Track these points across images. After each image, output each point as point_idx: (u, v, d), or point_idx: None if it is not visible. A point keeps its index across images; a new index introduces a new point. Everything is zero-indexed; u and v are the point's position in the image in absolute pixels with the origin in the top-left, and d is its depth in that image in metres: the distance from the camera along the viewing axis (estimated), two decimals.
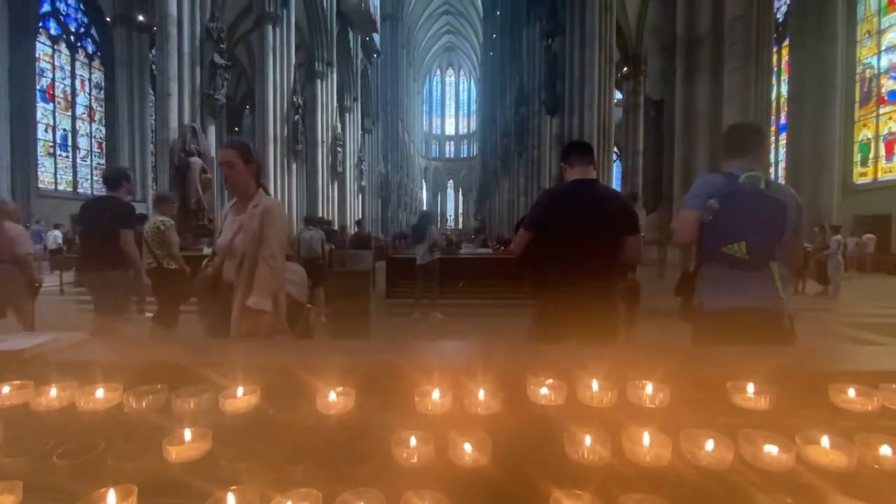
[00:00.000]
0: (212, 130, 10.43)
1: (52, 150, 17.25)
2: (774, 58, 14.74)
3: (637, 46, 16.64)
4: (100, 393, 0.59)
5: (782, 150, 13.90)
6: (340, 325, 3.17)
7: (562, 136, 10.31)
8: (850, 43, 13.27)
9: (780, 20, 14.57)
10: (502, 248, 7.96)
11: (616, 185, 20.54)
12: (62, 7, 17.55)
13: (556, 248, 1.70)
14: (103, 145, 18.86)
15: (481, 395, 0.54)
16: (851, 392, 0.56)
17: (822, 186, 9.74)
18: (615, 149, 15.42)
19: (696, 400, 0.57)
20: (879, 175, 13.68)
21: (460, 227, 48.55)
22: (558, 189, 1.87)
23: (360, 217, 16.87)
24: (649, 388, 0.56)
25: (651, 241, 5.54)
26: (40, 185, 16.40)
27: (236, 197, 1.74)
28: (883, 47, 13.58)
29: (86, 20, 18.32)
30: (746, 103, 4.92)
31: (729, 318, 1.48)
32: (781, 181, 14.68)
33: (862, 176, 14.16)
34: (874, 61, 13.83)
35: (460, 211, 50.60)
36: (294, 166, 14.77)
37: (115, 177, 3.16)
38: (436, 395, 0.55)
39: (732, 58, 4.71)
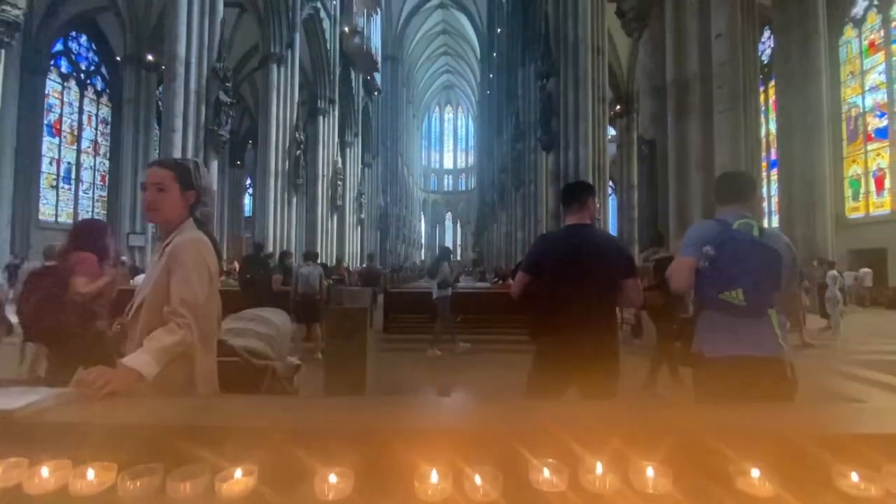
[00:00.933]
0: (214, 165, 10.62)
1: (55, 183, 17.48)
2: (762, 97, 15.33)
3: (629, 86, 17.25)
4: (92, 475, 0.57)
5: (774, 186, 14.16)
6: (336, 365, 3.12)
7: (557, 171, 10.51)
8: (835, 83, 13.79)
9: (765, 62, 15.21)
10: (500, 281, 7.95)
11: (612, 216, 20.81)
12: (74, 47, 18.23)
13: (553, 293, 1.71)
14: (106, 178, 19.12)
15: (478, 480, 0.53)
16: (854, 476, 0.55)
17: (816, 221, 9.86)
18: (610, 182, 15.72)
19: (702, 489, 0.56)
20: (871, 210, 13.90)
21: (458, 258, 48.70)
22: (554, 233, 1.90)
23: (371, 252, 16.90)
24: (650, 471, 0.55)
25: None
26: (41, 217, 16.50)
27: (160, 232, 1.35)
28: (867, 87, 14.11)
29: (96, 59, 18.99)
30: (737, 142, 5.05)
31: (730, 366, 1.47)
32: (775, 215, 14.93)
33: (854, 210, 14.38)
34: (859, 100, 14.34)
35: (458, 243, 50.80)
36: (294, 199, 14.94)
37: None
38: (434, 478, 0.54)
39: (721, 100, 4.88)
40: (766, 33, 14.49)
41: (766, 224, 15.44)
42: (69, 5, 16.19)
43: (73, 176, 18.16)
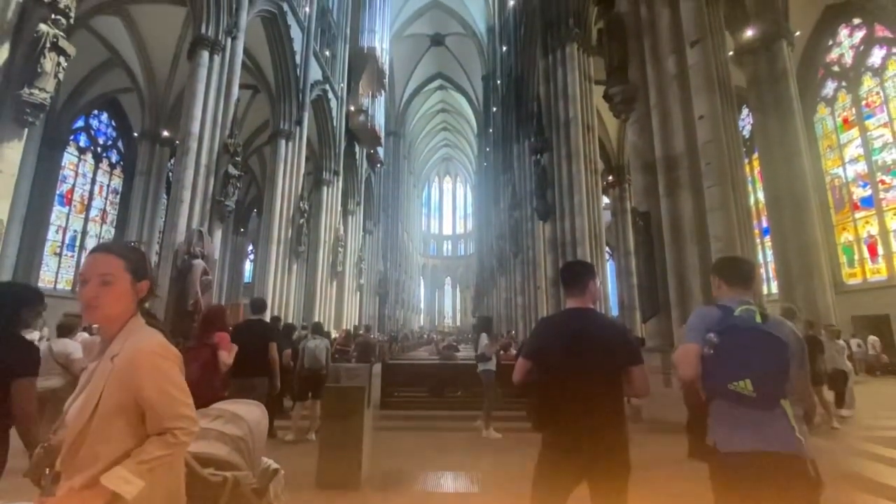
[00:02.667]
0: (218, 234, 10.79)
1: (58, 250, 17.67)
2: (747, 168, 16.04)
3: (619, 158, 18.10)
4: None
5: (769, 252, 14.35)
6: (331, 450, 2.94)
7: (555, 239, 10.70)
8: (815, 155, 14.49)
9: (747, 137, 16.10)
10: (503, 352, 7.75)
11: (612, 282, 20.82)
12: (94, 123, 19.34)
13: (557, 382, 1.65)
14: None
15: None
16: None
17: (815, 288, 9.86)
18: (607, 249, 15.95)
19: None
20: (868, 276, 13.97)
21: (458, 324, 47.95)
22: (555, 318, 1.87)
23: (367, 323, 16.73)
24: None
25: (653, 348, 5.43)
26: (40, 284, 16.47)
27: (100, 331, 1.13)
28: (846, 159, 14.79)
29: (114, 134, 20.05)
30: (728, 215, 5.19)
31: (745, 462, 1.38)
32: (773, 282, 14.95)
33: (852, 277, 14.44)
34: (840, 172, 14.96)
35: (458, 308, 50.38)
36: (295, 266, 15.02)
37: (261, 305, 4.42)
38: None
39: (709, 176, 5.09)
40: (745, 111, 15.50)
41: (765, 289, 15.45)
42: (95, 87, 17.41)
43: (77, 243, 18.39)
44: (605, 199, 17.97)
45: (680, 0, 5.49)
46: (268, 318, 4.68)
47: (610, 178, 18.05)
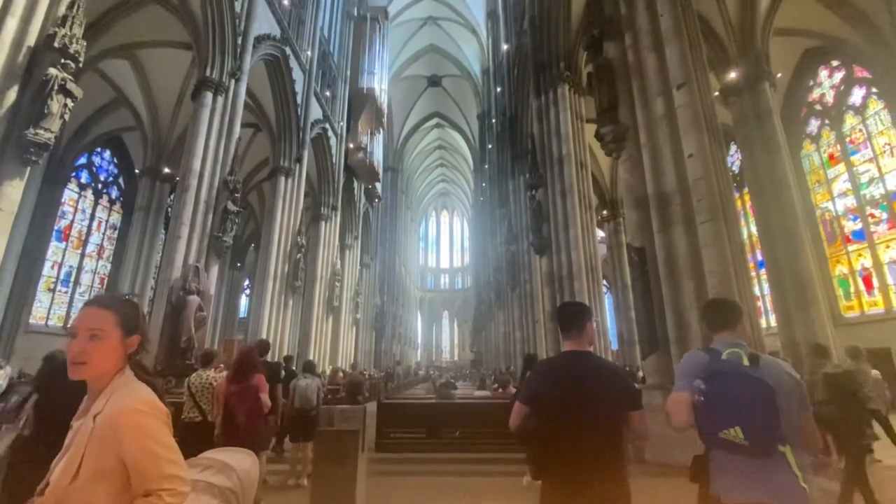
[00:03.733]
0: (214, 269, 10.77)
1: (52, 286, 17.51)
2: (739, 202, 16.32)
3: (613, 192, 18.42)
4: None
5: (766, 285, 14.37)
6: (323, 498, 2.82)
7: (552, 273, 10.71)
8: (804, 190, 14.77)
9: (737, 172, 16.46)
10: (501, 389, 7.59)
11: (610, 316, 20.70)
12: (97, 160, 19.64)
13: (555, 427, 1.61)
14: (105, 281, 19.22)
15: None
16: None
17: (814, 321, 9.82)
18: (604, 282, 15.96)
19: None
20: (866, 309, 13.94)
21: (455, 358, 47.16)
22: (552, 361, 1.85)
23: (353, 361, 16.48)
24: None
25: (653, 385, 5.34)
26: (31, 321, 16.21)
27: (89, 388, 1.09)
28: (835, 194, 15.06)
29: (115, 171, 20.33)
30: (722, 250, 5.23)
31: None
32: (772, 314, 14.89)
33: (849, 309, 14.40)
34: (830, 206, 15.20)
35: (455, 342, 49.72)
36: (291, 301, 14.91)
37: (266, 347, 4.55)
38: None
39: (701, 212, 5.17)
40: (733, 147, 15.93)
41: (764, 323, 15.37)
42: (99, 125, 17.82)
43: (72, 279, 18.26)
44: (601, 233, 18.15)
45: (665, 45, 5.75)
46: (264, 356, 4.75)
47: (604, 212, 18.31)
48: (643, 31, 5.89)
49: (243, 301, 29.27)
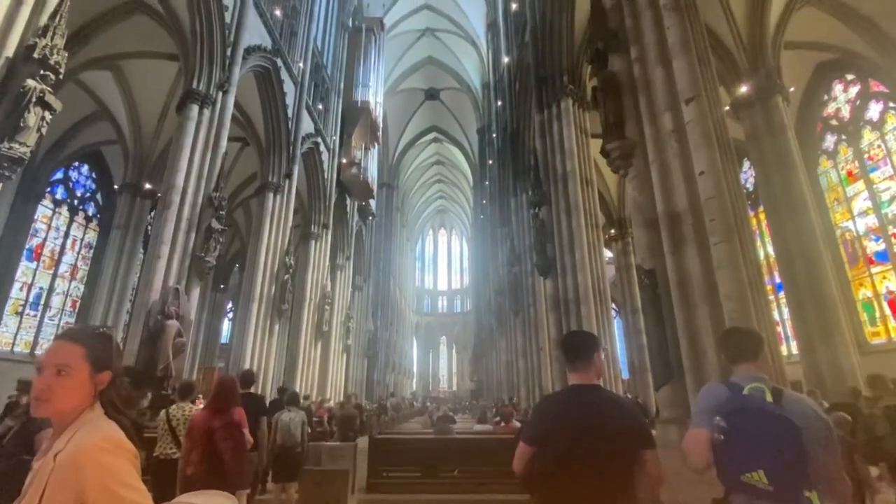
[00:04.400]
0: (196, 292, 10.71)
1: (21, 309, 17.34)
2: (754, 221, 16.42)
3: (620, 211, 18.55)
4: None
5: (785, 310, 14.33)
6: None
7: (557, 296, 10.68)
8: (823, 209, 14.88)
9: (751, 189, 16.63)
10: (503, 423, 7.47)
11: (620, 342, 20.56)
12: (74, 175, 19.74)
13: (562, 470, 1.57)
14: (77, 304, 19.07)
15: None
16: None
17: (837, 349, 9.76)
18: (613, 305, 15.90)
19: None
20: (893, 335, 13.87)
21: (454, 389, 46.55)
22: (558, 397, 1.82)
23: (353, 392, 16.28)
24: None
25: (668, 419, 5.25)
26: None
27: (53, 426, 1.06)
28: (855, 213, 15.17)
29: (93, 187, 20.41)
30: (737, 272, 5.23)
31: None
32: (793, 340, 14.78)
33: (875, 336, 14.32)
34: (851, 225, 15.29)
35: (454, 370, 49.18)
36: (277, 326, 14.79)
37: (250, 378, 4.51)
38: None
39: (714, 232, 5.19)
40: (747, 164, 16.13)
41: (785, 350, 15.26)
42: (78, 139, 17.97)
43: (42, 301, 18.11)
44: (608, 254, 18.20)
45: (673, 58, 5.87)
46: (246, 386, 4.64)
47: (612, 231, 18.40)
48: (650, 44, 6.03)
49: (226, 326, 29.03)
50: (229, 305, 29.36)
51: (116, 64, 14.85)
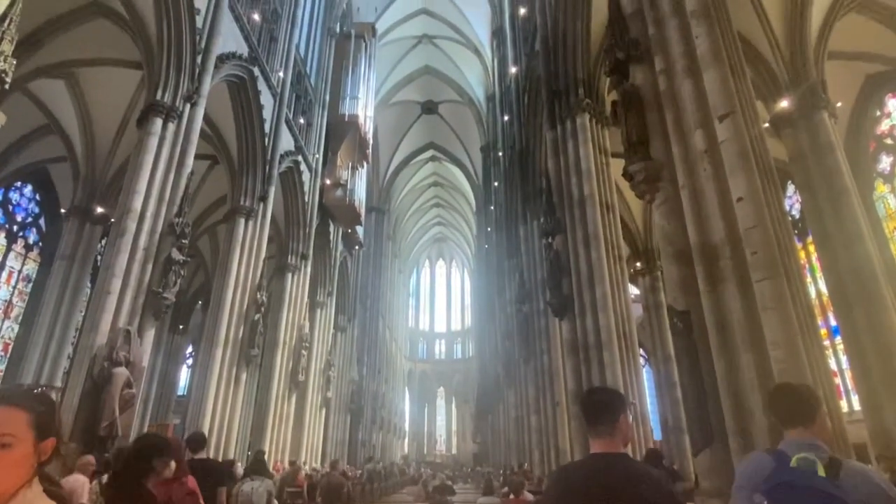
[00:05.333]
0: (150, 334, 10.61)
1: None
2: (802, 254, 16.48)
3: (647, 241, 18.63)
4: None
5: (843, 357, 14.19)
6: None
7: (575, 341, 10.57)
8: (882, 239, 14.96)
9: (797, 217, 16.77)
10: (512, 495, 7.27)
11: (651, 395, 20.22)
12: (15, 197, 19.91)
13: None
14: (10, 347, 18.86)
15: None
16: None
17: None
18: (641, 352, 15.73)
19: None
20: None
21: (453, 451, 45.52)
22: (576, 469, 1.77)
23: (335, 458, 15.91)
24: None
25: (708, 491, 5.10)
26: None
27: None
28: None
29: (37, 210, 20.56)
30: (785, 315, 5.19)
31: None
32: (854, 394, 14.54)
33: None
34: None
35: (454, 429, 48.21)
36: (244, 375, 14.59)
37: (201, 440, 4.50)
38: None
39: (757, 268, 5.18)
40: (791, 188, 16.33)
41: (845, 405, 14.99)
42: (22, 155, 18.22)
43: None
44: (634, 290, 18.15)
45: (703, 70, 6.03)
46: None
47: (637, 264, 18.43)
48: (676, 55, 6.19)
49: (184, 373, 28.66)
50: (189, 349, 29.08)
51: (71, 72, 15.23)
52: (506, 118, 22.96)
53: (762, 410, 4.72)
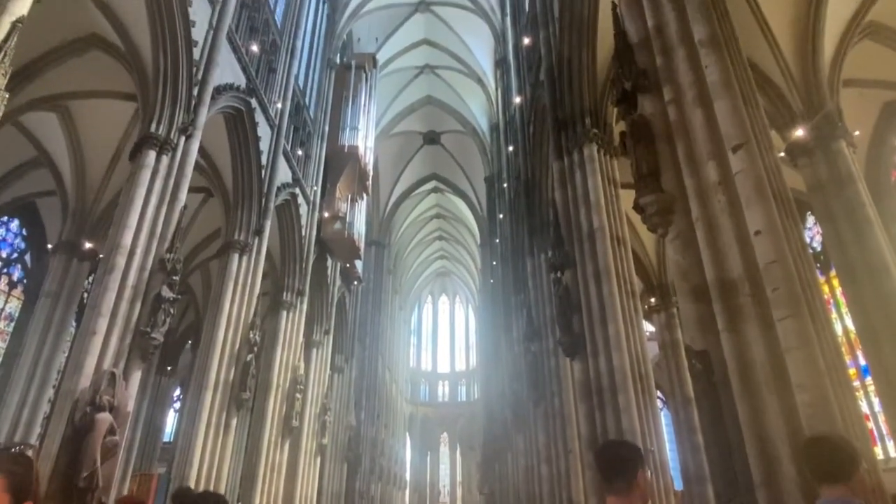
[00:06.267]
0: (136, 376, 10.53)
1: None
2: (826, 288, 16.39)
3: (661, 275, 18.59)
4: None
5: (875, 400, 13.92)
6: None
7: (588, 383, 10.42)
8: None
9: (818, 250, 16.75)
10: None
11: (670, 441, 19.75)
12: (1, 231, 20.12)
13: None
14: None
15: None
16: None
17: None
18: (658, 394, 15.45)
19: None
20: None
21: (458, 502, 44.31)
22: None
23: None
24: None
25: None
26: None
27: None
28: None
29: (23, 246, 20.74)
30: (811, 353, 5.12)
31: None
32: (889, 440, 14.20)
33: None
34: None
35: (458, 478, 47.04)
36: (235, 420, 14.40)
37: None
38: None
39: (779, 305, 5.13)
40: (811, 219, 16.38)
41: (880, 452, 14.63)
42: (10, 189, 18.52)
43: None
44: (649, 327, 18.00)
45: (713, 100, 6.13)
46: None
47: (652, 300, 18.33)
48: (685, 84, 6.30)
49: (171, 418, 28.29)
50: (177, 392, 28.79)
51: (64, 104, 15.61)
52: (510, 148, 23.27)
53: (790, 460, 4.60)
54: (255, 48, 16.31)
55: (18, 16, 7.36)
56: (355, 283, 28.92)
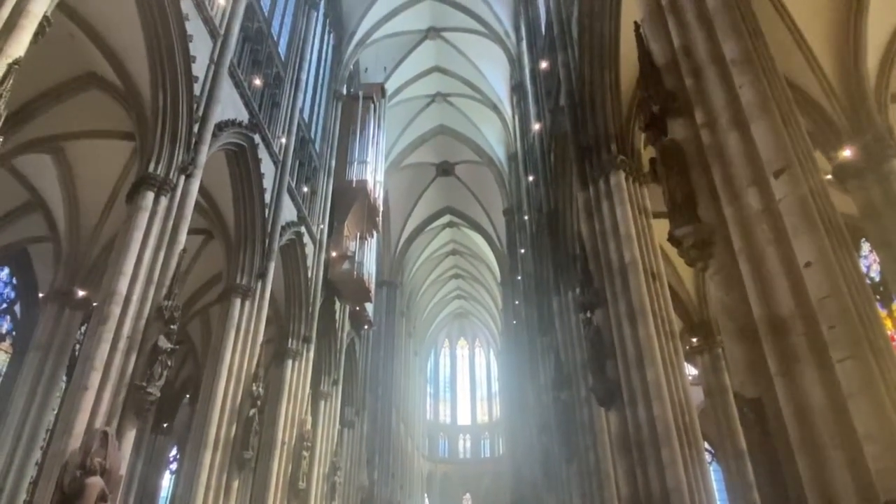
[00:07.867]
0: (131, 435, 10.51)
1: None
2: (888, 322, 15.97)
3: (702, 312, 18.28)
4: None
5: None
6: None
7: (626, 436, 10.15)
8: None
9: (877, 279, 16.40)
10: None
11: (722, 501, 19.06)
12: None
13: None
14: None
15: None
16: None
17: None
18: (706, 446, 15.00)
19: None
20: None
21: None
22: None
23: None
24: None
25: None
26: None
27: None
28: None
29: (13, 295, 21.12)
30: (877, 398, 4.96)
31: None
32: None
33: None
34: None
35: None
36: (236, 483, 14.23)
37: None
38: None
39: (837, 345, 5.01)
40: (866, 246, 16.11)
41: None
42: (2, 236, 18.99)
43: None
44: (692, 371, 17.61)
45: (749, 122, 6.15)
46: None
47: (693, 340, 18.00)
48: (719, 106, 6.34)
49: (167, 480, 27.99)
50: (173, 452, 28.58)
51: (59, 146, 16.13)
52: (531, 178, 23.44)
53: None
54: (257, 82, 16.84)
55: (15, 57, 7.68)
56: (365, 327, 28.90)
